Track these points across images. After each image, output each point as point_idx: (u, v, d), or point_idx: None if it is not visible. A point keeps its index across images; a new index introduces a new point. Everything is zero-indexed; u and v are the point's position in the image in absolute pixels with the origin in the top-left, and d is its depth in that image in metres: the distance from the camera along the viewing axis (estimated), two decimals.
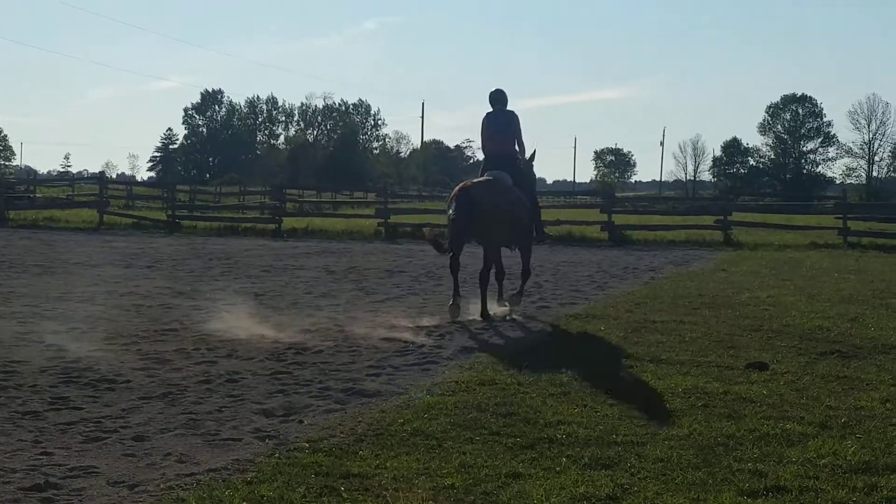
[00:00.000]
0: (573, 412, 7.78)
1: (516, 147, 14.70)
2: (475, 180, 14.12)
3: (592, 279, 19.75)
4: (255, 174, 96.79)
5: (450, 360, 10.28)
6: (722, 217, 33.36)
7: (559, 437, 7.00)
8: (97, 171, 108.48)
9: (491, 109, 14.82)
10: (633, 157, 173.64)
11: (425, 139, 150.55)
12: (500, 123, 14.72)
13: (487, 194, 13.67)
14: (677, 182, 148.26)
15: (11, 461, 6.36)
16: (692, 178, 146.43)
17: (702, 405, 8.10)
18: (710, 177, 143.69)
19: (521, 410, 7.78)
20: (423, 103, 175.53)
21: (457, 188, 14.19)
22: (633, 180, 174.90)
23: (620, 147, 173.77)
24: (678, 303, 14.99)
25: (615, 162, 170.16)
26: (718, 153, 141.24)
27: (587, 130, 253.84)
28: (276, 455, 6.53)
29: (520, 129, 14.80)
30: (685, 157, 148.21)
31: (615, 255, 27.28)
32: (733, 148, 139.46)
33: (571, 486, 5.88)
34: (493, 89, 14.93)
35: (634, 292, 16.84)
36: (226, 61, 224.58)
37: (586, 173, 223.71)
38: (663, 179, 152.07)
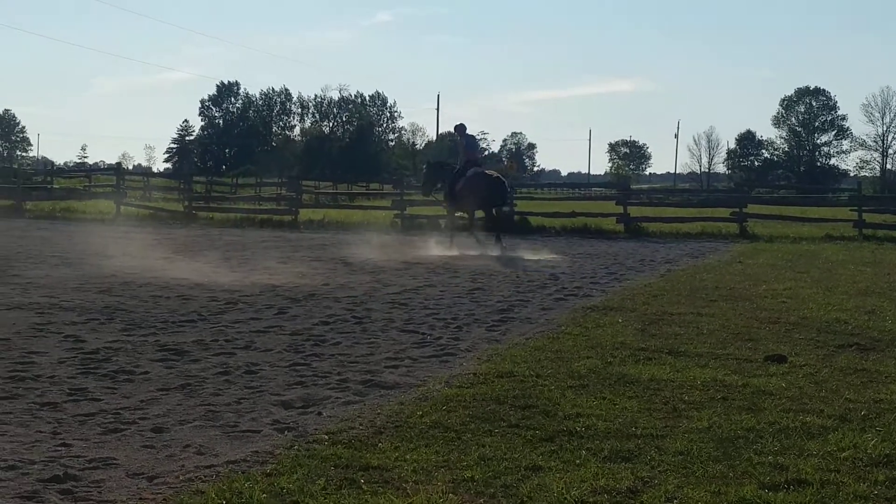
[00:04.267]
0: (592, 404, 7.77)
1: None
2: (491, 171, 26.18)
3: (609, 271, 19.75)
4: (270, 166, 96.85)
5: (467, 351, 10.28)
6: (737, 209, 33.16)
7: (578, 429, 6.99)
8: (114, 162, 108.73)
9: (460, 135, 25.78)
10: (648, 150, 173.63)
11: (440, 131, 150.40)
12: (473, 143, 26.82)
13: (504, 179, 25.90)
14: (692, 174, 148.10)
15: (30, 453, 6.36)
16: (706, 171, 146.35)
17: (721, 398, 8.08)
18: (725, 169, 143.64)
19: (540, 403, 7.78)
20: (438, 95, 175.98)
21: (484, 175, 24.88)
22: (647, 172, 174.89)
23: (635, 139, 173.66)
24: (695, 295, 14.96)
25: (630, 154, 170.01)
26: (733, 145, 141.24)
27: (602, 123, 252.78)
28: (296, 447, 6.52)
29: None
30: (699, 150, 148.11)
31: (631, 247, 27.24)
32: (747, 140, 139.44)
33: (592, 479, 5.86)
34: (457, 123, 25.91)
35: (651, 284, 16.81)
36: (241, 53, 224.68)
37: (601, 165, 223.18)
38: (678, 171, 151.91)
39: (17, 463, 6.12)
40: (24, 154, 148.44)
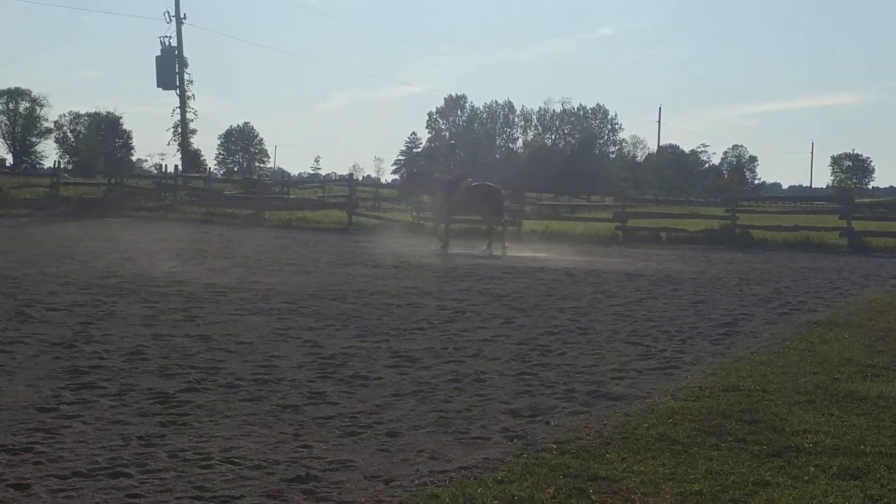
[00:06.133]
0: (819, 421, 7.70)
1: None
2: (491, 182, 29.46)
3: (833, 286, 19.36)
4: (494, 178, 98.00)
5: (692, 364, 10.29)
6: None
7: (806, 445, 6.94)
8: (345, 173, 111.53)
9: (451, 152, 34.48)
10: (872, 163, 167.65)
11: (661, 144, 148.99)
12: (461, 159, 33.24)
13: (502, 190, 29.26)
14: None
15: (274, 453, 6.72)
16: None
17: None
18: None
19: (767, 418, 7.74)
20: (659, 108, 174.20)
21: (481, 186, 27.99)
22: (870, 186, 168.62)
23: (858, 152, 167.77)
24: None
25: (852, 167, 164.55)
26: None
27: (825, 135, 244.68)
28: (525, 455, 6.68)
29: None
30: None
31: (855, 261, 26.58)
32: None
33: (821, 496, 5.84)
34: (451, 141, 36.38)
35: (878, 300, 16.40)
36: (469, 67, 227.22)
37: (822, 179, 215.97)
38: None
39: (262, 463, 6.47)
40: (261, 165, 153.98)
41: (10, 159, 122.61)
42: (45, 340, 10.62)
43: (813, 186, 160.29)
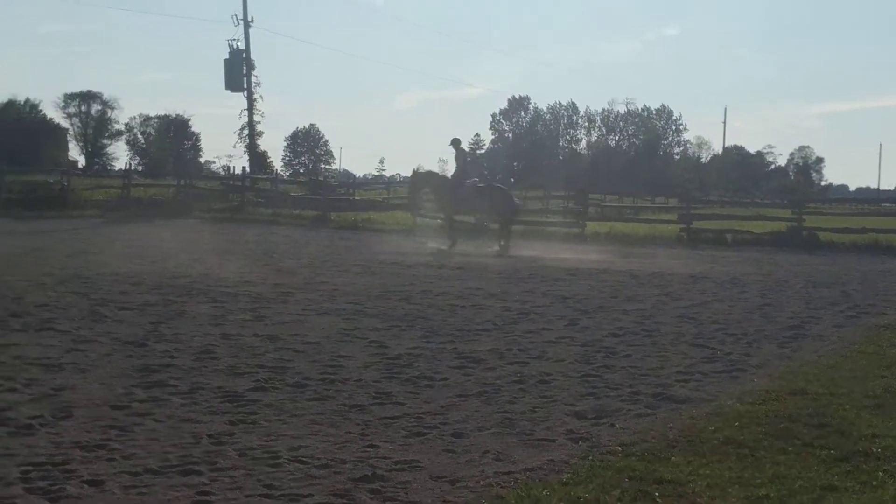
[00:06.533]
0: (888, 425, 7.63)
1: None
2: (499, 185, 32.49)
3: None
4: (557, 179, 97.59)
5: (758, 368, 10.24)
6: None
7: (875, 450, 6.89)
8: (409, 174, 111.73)
9: (455, 149, 28.99)
10: None
11: (726, 145, 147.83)
12: (464, 156, 30.19)
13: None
14: None
15: (341, 452, 6.80)
16: None
17: None
18: None
19: (834, 422, 7.69)
20: (724, 109, 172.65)
21: (489, 188, 30.13)
22: None
23: None
24: None
25: None
26: None
27: (892, 136, 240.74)
28: (590, 457, 6.70)
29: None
30: None
31: None
32: None
33: (889, 502, 5.80)
34: (454, 138, 29.31)
35: None
36: (532, 67, 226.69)
37: (891, 180, 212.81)
38: None
39: (330, 462, 6.55)
40: (327, 167, 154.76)
41: (82, 161, 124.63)
42: (117, 339, 10.82)
43: (881, 188, 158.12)
